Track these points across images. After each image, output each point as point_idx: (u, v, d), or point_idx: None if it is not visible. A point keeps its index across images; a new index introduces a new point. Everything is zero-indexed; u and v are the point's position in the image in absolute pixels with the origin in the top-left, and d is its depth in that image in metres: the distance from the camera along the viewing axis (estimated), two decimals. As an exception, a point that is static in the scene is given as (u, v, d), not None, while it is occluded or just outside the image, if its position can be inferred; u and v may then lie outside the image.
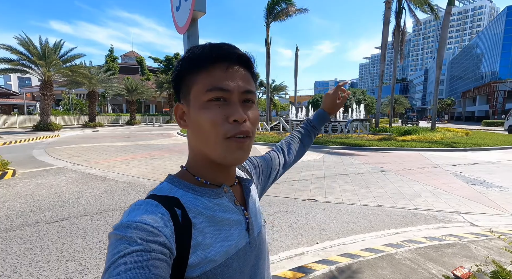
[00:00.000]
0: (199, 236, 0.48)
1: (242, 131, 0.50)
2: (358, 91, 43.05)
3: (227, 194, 0.56)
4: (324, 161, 8.73)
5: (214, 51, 0.50)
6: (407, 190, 5.43)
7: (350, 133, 14.88)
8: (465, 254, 2.85)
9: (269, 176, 0.82)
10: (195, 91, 0.51)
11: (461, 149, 11.07)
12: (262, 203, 4.64)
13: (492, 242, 3.15)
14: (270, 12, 23.26)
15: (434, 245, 3.06)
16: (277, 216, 4.08)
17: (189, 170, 0.56)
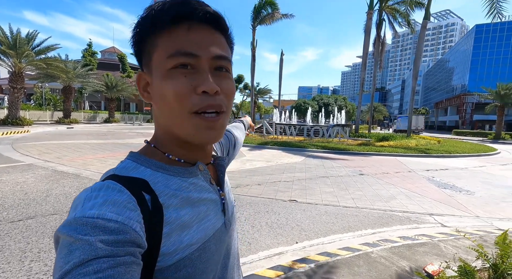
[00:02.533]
0: (174, 221, 0.43)
1: (213, 105, 0.43)
2: (339, 98, 44.33)
3: (202, 172, 0.51)
4: (306, 163, 8.86)
5: (174, 8, 0.42)
6: (384, 193, 5.62)
7: (331, 137, 15.24)
8: (436, 252, 2.98)
9: (227, 154, 0.80)
10: (157, 57, 0.44)
11: (433, 156, 11.68)
12: (243, 203, 4.63)
13: (459, 241, 3.32)
14: (256, 15, 23.48)
15: (408, 244, 3.17)
16: (258, 216, 4.06)
17: (157, 147, 0.49)
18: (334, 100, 42.41)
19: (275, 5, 22.70)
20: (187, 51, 0.42)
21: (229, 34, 0.49)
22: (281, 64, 30.51)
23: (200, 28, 0.44)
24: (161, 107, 0.45)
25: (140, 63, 0.48)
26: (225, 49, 0.47)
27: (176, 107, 0.43)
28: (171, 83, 0.42)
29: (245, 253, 2.96)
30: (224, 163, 0.59)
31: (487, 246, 3.17)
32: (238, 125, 1.05)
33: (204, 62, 0.43)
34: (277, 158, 9.69)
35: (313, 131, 15.76)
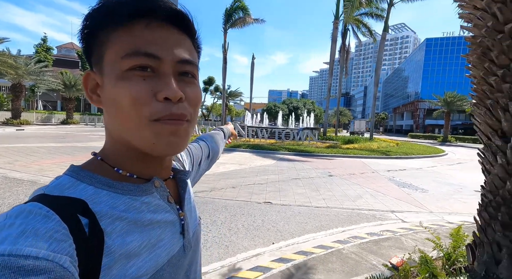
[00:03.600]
0: (117, 249, 0.35)
1: (176, 114, 0.38)
2: (308, 102, 46.00)
3: (158, 189, 0.44)
4: (278, 166, 9.07)
5: (135, 1, 0.37)
6: (351, 193, 5.99)
7: (301, 140, 15.77)
8: (398, 246, 3.28)
9: (199, 165, 0.75)
10: (110, 55, 0.38)
11: (393, 157, 12.68)
12: (219, 206, 4.62)
13: (417, 234, 3.69)
14: (227, 18, 23.54)
15: (374, 240, 3.44)
16: (234, 219, 4.09)
17: (105, 160, 0.42)
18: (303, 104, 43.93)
19: (246, 10, 22.98)
20: (147, 52, 0.37)
21: (196, 38, 0.45)
22: (252, 67, 30.83)
23: (164, 27, 0.39)
24: (113, 113, 0.39)
25: (89, 60, 0.42)
26: (192, 53, 0.42)
27: (132, 114, 0.37)
28: (127, 87, 0.36)
29: (223, 256, 2.98)
30: (186, 178, 0.53)
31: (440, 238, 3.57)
32: (216, 134, 1.00)
33: (167, 66, 0.38)
34: (250, 161, 9.78)
35: (284, 134, 16.17)
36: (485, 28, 1.80)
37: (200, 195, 5.27)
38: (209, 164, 0.83)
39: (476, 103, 1.91)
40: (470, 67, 1.99)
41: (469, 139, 31.13)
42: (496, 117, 1.76)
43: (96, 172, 0.40)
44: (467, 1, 1.93)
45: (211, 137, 0.93)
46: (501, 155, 1.72)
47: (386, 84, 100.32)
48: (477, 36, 1.90)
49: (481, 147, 1.95)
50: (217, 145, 0.92)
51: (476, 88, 1.92)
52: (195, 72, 0.43)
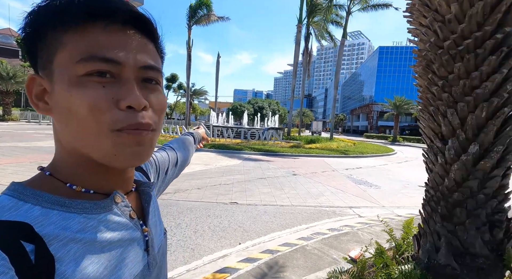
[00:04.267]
0: (71, 276, 0.32)
1: (141, 123, 0.35)
2: (273, 102, 46.93)
3: (119, 205, 0.41)
4: (244, 166, 9.12)
5: (91, 1, 0.34)
6: (314, 191, 6.28)
7: (266, 140, 16.04)
8: (356, 239, 3.54)
9: (165, 174, 0.70)
10: (62, 59, 0.34)
11: (351, 156, 13.58)
12: (183, 209, 4.49)
13: (372, 228, 4.02)
14: (192, 15, 22.93)
15: (335, 235, 3.67)
16: (199, 221, 4.02)
17: (55, 175, 0.38)
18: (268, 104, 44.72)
19: (210, 6, 22.63)
20: (107, 56, 0.33)
21: (159, 42, 0.42)
22: (217, 66, 30.45)
23: (124, 31, 0.36)
24: (67, 123, 0.35)
25: (33, 63, 0.37)
26: (156, 59, 0.40)
27: (91, 124, 0.34)
28: (84, 94, 0.33)
29: (189, 260, 2.92)
30: (150, 190, 0.49)
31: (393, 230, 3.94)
32: (186, 139, 0.95)
33: (129, 71, 0.35)
34: (215, 161, 9.66)
35: (249, 133, 16.30)
36: (428, 43, 2.03)
37: (163, 197, 5.06)
38: (176, 172, 0.80)
39: (421, 109, 2.15)
40: (417, 77, 2.23)
41: (414, 139, 34.67)
42: (437, 122, 2.00)
43: (44, 189, 0.36)
44: (414, 18, 2.16)
45: (180, 143, 0.88)
46: (441, 155, 1.96)
47: (344, 87, 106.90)
48: (422, 49, 2.14)
49: (425, 148, 2.20)
50: (186, 152, 0.88)
51: (421, 96, 2.16)
52: (160, 79, 0.40)
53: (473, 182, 1.82)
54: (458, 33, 1.85)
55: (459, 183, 1.88)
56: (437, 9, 1.96)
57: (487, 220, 1.81)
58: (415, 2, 2.13)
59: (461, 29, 1.84)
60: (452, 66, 1.89)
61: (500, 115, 1.76)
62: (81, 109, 0.33)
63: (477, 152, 1.80)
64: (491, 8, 1.78)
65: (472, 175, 1.83)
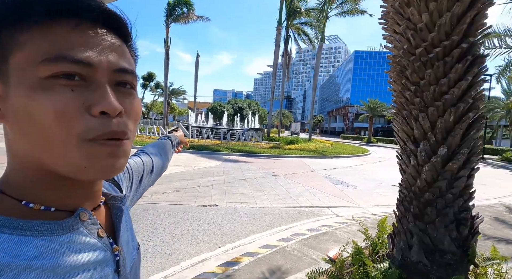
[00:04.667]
0: None
1: (115, 132, 0.32)
2: (253, 103, 47.04)
3: (85, 223, 0.36)
4: (224, 167, 9.03)
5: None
6: (293, 191, 6.36)
7: (246, 141, 16.02)
8: (334, 239, 3.62)
9: (140, 182, 0.66)
10: (21, 59, 0.30)
11: (329, 157, 13.95)
12: (161, 212, 4.35)
13: (349, 227, 4.14)
14: (170, 12, 22.41)
15: (313, 235, 3.73)
16: (178, 225, 3.91)
17: (7, 192, 0.33)
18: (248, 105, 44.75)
19: (190, 5, 22.25)
20: (76, 58, 0.30)
21: (132, 44, 0.39)
22: (197, 65, 30.00)
23: (95, 29, 0.32)
24: (26, 131, 0.31)
25: None
26: (130, 61, 0.37)
27: (57, 132, 0.30)
28: (49, 99, 0.29)
29: (167, 266, 2.82)
30: (122, 204, 0.44)
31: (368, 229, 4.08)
32: (163, 144, 0.89)
33: (102, 74, 0.32)
34: (194, 162, 9.48)
35: (229, 134, 16.19)
36: (402, 50, 2.12)
37: (139, 201, 4.86)
38: (152, 179, 0.74)
39: (396, 113, 2.25)
40: (391, 82, 2.32)
41: (387, 140, 36.37)
42: (410, 125, 2.10)
43: None
44: (389, 25, 2.26)
45: (156, 148, 0.83)
46: (413, 157, 2.06)
47: (322, 89, 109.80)
48: (396, 56, 2.24)
49: (399, 150, 2.30)
50: (163, 157, 0.82)
51: (396, 100, 2.26)
52: (135, 82, 0.37)
53: (442, 183, 1.93)
54: (428, 41, 1.96)
55: (429, 183, 1.98)
56: (409, 17, 2.06)
57: (454, 218, 1.93)
58: (389, 10, 2.22)
59: (431, 38, 1.94)
60: (423, 73, 2.00)
61: (465, 119, 1.88)
62: (46, 116, 0.29)
63: (446, 154, 1.91)
64: (457, 19, 1.90)
65: (441, 176, 1.94)
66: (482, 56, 1.89)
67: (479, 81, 1.92)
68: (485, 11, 1.90)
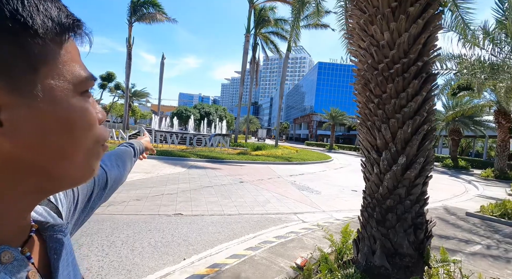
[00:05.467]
0: None
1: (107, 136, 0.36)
2: (220, 108, 46.60)
3: (8, 266, 0.29)
4: (189, 173, 8.72)
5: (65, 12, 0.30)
6: (261, 198, 6.36)
7: (213, 146, 15.74)
8: (301, 246, 3.67)
9: (88, 201, 0.55)
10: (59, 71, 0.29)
11: (294, 163, 14.31)
12: (119, 224, 4.01)
13: (315, 233, 4.23)
14: (134, 10, 21.39)
15: (281, 243, 3.74)
16: (138, 237, 3.63)
17: None
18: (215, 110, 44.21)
19: (158, 6, 21.52)
20: (94, 76, 0.33)
21: None
22: (162, 67, 28.92)
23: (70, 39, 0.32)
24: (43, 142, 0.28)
25: None
26: None
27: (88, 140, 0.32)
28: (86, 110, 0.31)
29: (125, 284, 2.58)
30: (62, 235, 0.37)
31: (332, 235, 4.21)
32: (123, 152, 0.79)
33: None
34: (158, 169, 9.01)
35: (195, 139, 15.76)
36: (366, 64, 2.26)
37: (94, 212, 4.44)
38: (106, 195, 0.64)
39: (360, 123, 2.37)
40: (356, 94, 2.45)
41: (347, 147, 38.65)
42: (373, 136, 2.23)
43: None
44: (354, 40, 2.39)
45: (114, 159, 0.72)
46: (376, 166, 2.18)
47: (288, 97, 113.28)
48: (361, 69, 2.37)
49: (363, 159, 2.42)
50: (121, 169, 0.72)
51: (360, 111, 2.39)
52: None
53: (401, 190, 2.06)
54: (389, 57, 2.11)
55: (391, 190, 2.11)
56: (373, 35, 2.21)
57: (412, 223, 2.07)
58: (355, 26, 2.36)
59: (392, 55, 2.09)
60: (385, 86, 2.14)
61: (421, 131, 2.05)
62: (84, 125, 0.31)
63: (405, 163, 2.05)
64: (414, 39, 2.09)
65: (401, 183, 2.08)
66: (434, 74, 2.09)
67: (432, 96, 2.11)
68: (435, 33, 2.12)
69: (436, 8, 2.05)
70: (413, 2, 2.03)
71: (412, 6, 2.00)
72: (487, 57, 6.65)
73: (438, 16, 2.09)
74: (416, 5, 1.99)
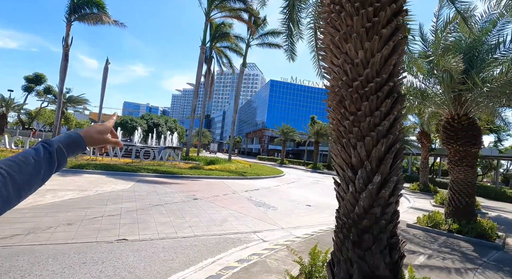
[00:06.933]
0: None
1: None
2: (170, 120, 44.43)
3: None
4: (136, 190, 7.78)
5: None
6: (217, 216, 5.94)
7: (163, 160, 14.62)
8: (266, 269, 3.41)
9: None
10: None
11: (248, 178, 14.14)
12: (42, 257, 3.20)
13: (278, 253, 4.03)
14: (74, 8, 19.33)
15: (244, 267, 3.42)
16: (67, 275, 2.91)
17: None
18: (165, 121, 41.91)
19: (103, 7, 19.84)
20: None
21: None
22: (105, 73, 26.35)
23: None
24: None
25: None
26: None
27: None
28: None
29: None
30: None
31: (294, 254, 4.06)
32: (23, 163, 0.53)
33: None
34: (97, 185, 7.82)
35: (143, 153, 14.44)
36: (340, 81, 2.25)
37: (4, 242, 3.48)
38: None
39: (334, 140, 2.32)
40: (330, 111, 2.42)
41: (296, 162, 40.34)
42: (348, 153, 2.18)
43: None
44: (328, 56, 2.38)
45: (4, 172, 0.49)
46: (352, 184, 2.12)
47: (240, 111, 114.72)
48: (334, 86, 2.36)
49: (336, 177, 2.36)
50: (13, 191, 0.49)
51: (334, 128, 2.34)
52: None
53: (377, 209, 2.03)
54: (364, 76, 2.13)
55: (366, 210, 2.06)
56: (347, 52, 2.22)
57: (387, 243, 2.04)
58: (328, 44, 2.36)
59: (366, 73, 2.12)
60: (359, 104, 2.14)
61: (394, 149, 2.07)
62: None
63: (379, 181, 2.03)
64: (385, 60, 2.15)
65: (376, 202, 2.05)
66: (403, 95, 2.17)
67: (401, 116, 2.18)
68: (402, 56, 2.23)
69: (403, 32, 2.17)
70: (384, 24, 2.11)
71: (384, 28, 2.07)
72: (418, 84, 7.67)
73: (404, 40, 2.22)
74: (388, 28, 2.07)
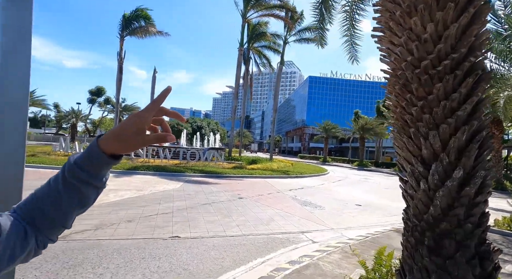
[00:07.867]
0: None
1: None
2: (212, 122, 46.21)
3: None
4: (185, 190, 8.16)
5: None
6: (263, 216, 5.87)
7: (207, 160, 15.20)
8: (320, 273, 3.20)
9: None
10: None
11: (292, 176, 13.88)
12: (108, 251, 3.46)
13: (331, 256, 3.78)
14: (126, 25, 21.24)
15: (296, 269, 3.26)
16: (130, 268, 3.09)
17: None
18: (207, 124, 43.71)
19: (149, 19, 21.45)
20: None
21: None
22: (153, 82, 28.51)
23: None
24: None
25: None
26: None
27: None
28: None
29: None
30: None
31: (348, 257, 3.77)
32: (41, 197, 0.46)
33: None
34: (150, 185, 8.41)
35: (189, 154, 15.20)
36: (404, 62, 1.95)
37: (77, 237, 3.87)
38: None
39: (398, 131, 2.03)
40: (390, 97, 2.12)
41: (340, 160, 38.53)
42: (417, 145, 1.88)
43: None
44: (387, 36, 2.09)
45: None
46: (424, 181, 1.82)
47: (279, 111, 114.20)
48: (396, 68, 2.06)
49: (401, 173, 2.06)
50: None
51: (397, 117, 2.05)
52: None
53: (459, 210, 1.70)
54: (435, 53, 1.80)
55: (445, 211, 1.74)
56: (411, 28, 1.91)
57: (475, 251, 1.69)
58: (387, 21, 2.07)
59: (438, 50, 1.79)
60: (430, 87, 1.82)
61: (479, 138, 1.71)
62: None
63: (461, 177, 1.69)
64: (462, 32, 1.79)
65: (457, 202, 1.71)
66: (488, 72, 1.79)
67: (486, 98, 1.80)
68: (485, 26, 1.84)
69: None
70: (460, -11, 1.75)
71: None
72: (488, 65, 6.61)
73: (487, 5, 1.83)
74: (465, -7, 1.72)
